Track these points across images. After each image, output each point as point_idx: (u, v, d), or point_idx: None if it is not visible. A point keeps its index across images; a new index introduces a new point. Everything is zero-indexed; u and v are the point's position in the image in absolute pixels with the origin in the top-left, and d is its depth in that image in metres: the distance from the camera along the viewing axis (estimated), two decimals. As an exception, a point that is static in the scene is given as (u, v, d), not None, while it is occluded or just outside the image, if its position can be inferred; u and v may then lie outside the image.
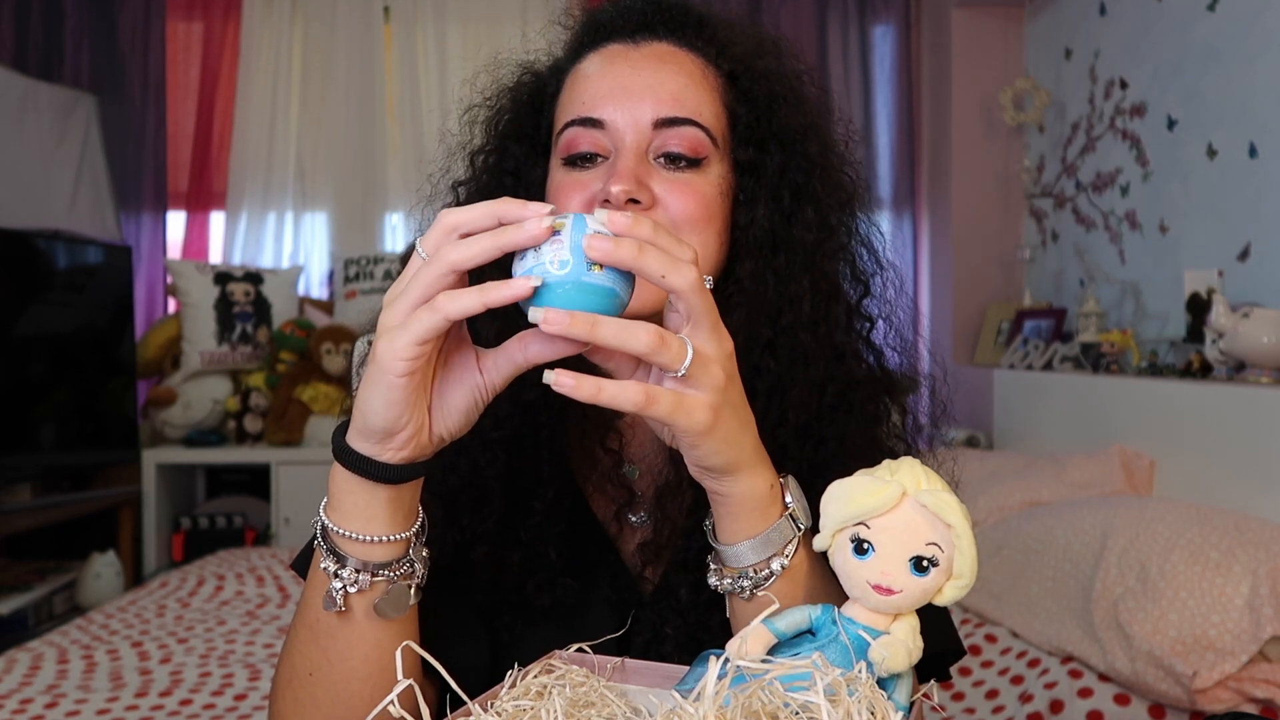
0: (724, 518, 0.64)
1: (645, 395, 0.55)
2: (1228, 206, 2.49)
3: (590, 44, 0.79)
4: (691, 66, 0.77)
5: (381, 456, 0.60)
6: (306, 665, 0.67)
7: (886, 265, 0.83)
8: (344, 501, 0.62)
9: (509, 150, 0.81)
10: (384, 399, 0.57)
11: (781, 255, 0.76)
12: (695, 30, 0.79)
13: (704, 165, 0.75)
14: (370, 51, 3.84)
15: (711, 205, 0.75)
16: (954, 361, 3.59)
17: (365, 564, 0.63)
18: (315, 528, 0.65)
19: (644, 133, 0.73)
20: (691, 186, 0.74)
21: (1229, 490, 2.08)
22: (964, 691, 1.85)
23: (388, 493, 0.62)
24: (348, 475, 0.61)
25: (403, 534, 0.63)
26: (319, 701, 0.67)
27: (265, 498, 3.49)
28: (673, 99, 0.74)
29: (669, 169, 0.74)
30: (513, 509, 0.76)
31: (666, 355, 0.55)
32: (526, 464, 0.76)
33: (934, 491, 0.56)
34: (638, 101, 0.73)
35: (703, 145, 0.74)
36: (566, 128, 0.75)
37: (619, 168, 0.72)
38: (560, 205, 0.74)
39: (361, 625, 0.65)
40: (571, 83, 0.78)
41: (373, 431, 0.59)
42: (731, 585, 0.65)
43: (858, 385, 0.79)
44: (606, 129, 0.74)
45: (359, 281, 3.67)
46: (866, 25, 3.92)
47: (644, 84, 0.74)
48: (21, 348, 3.13)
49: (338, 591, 0.63)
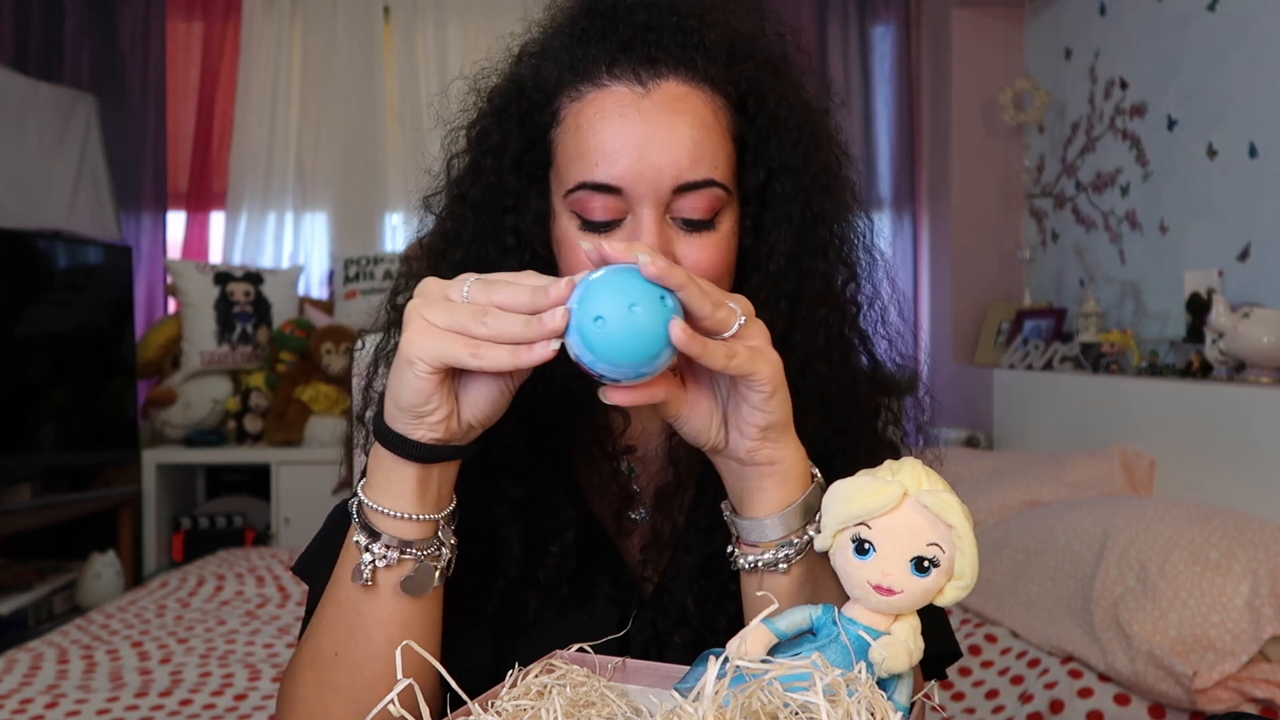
0: (769, 489, 0.65)
1: (725, 350, 0.59)
2: (1228, 206, 2.49)
3: (588, 75, 0.73)
4: (704, 112, 0.73)
5: (414, 435, 0.63)
6: (332, 645, 0.68)
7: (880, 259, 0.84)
8: (378, 477, 0.65)
9: (506, 184, 0.77)
10: (410, 386, 0.61)
11: (792, 280, 0.76)
12: (700, 51, 0.73)
13: (718, 218, 0.74)
14: (370, 51, 3.84)
15: (728, 255, 0.75)
16: (954, 361, 3.59)
17: (394, 540, 0.65)
18: (352, 505, 0.68)
19: (663, 198, 0.71)
20: (709, 245, 0.73)
21: (1229, 490, 2.08)
22: (964, 691, 1.85)
23: (417, 471, 0.64)
24: (384, 452, 0.64)
25: (432, 515, 0.66)
26: (340, 684, 0.68)
27: (265, 498, 3.50)
28: (690, 159, 0.71)
29: (687, 232, 0.73)
30: (528, 552, 0.76)
31: (723, 313, 0.60)
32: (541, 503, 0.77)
33: (935, 492, 0.56)
34: (656, 167, 0.70)
35: (719, 201, 0.73)
36: (579, 189, 0.72)
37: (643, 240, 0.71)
38: (578, 268, 0.71)
39: (387, 602, 0.67)
40: (575, 126, 0.73)
41: (403, 410, 0.62)
42: (773, 557, 0.66)
43: (865, 396, 0.80)
44: (623, 195, 0.71)
45: (359, 281, 3.67)
46: (866, 25, 3.92)
47: (660, 145, 0.70)
48: (21, 348, 3.13)
49: (366, 565, 0.66)
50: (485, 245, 0.77)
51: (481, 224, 0.77)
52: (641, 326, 0.56)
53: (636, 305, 0.56)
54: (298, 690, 0.70)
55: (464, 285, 0.61)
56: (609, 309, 0.56)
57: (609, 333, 0.56)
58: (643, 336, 0.56)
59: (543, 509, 0.77)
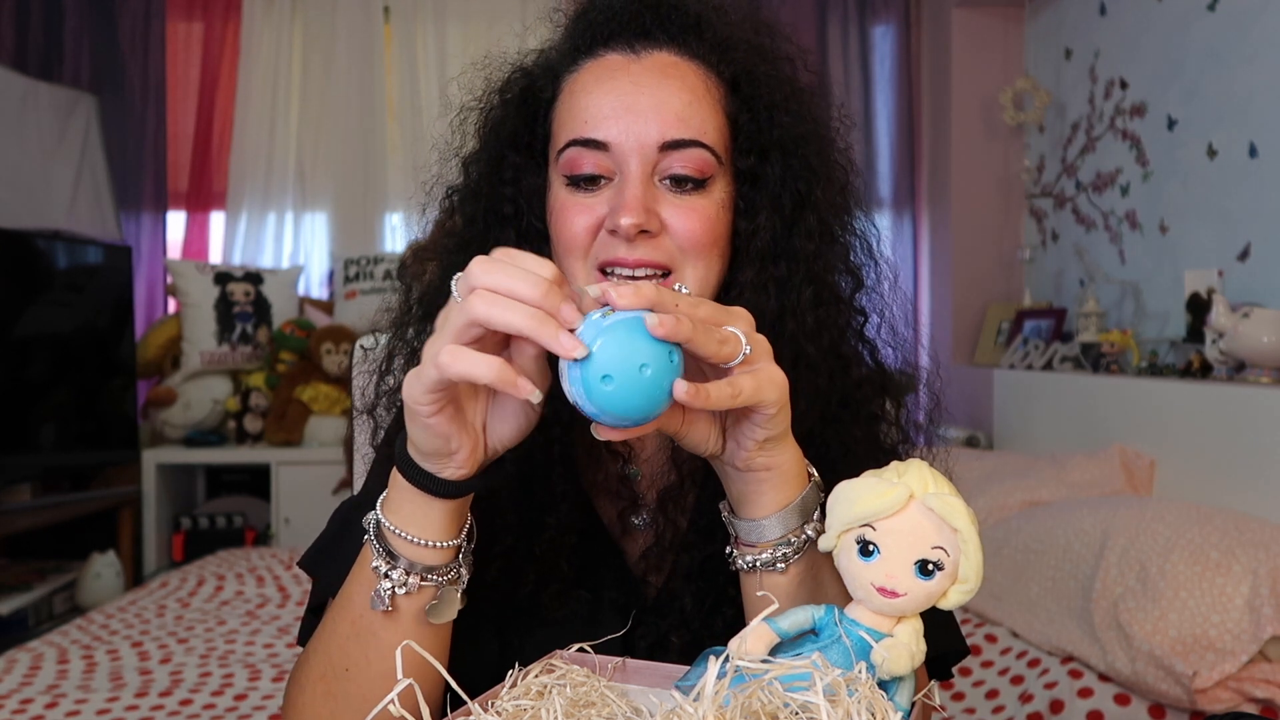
0: (766, 492, 0.65)
1: (730, 387, 0.58)
2: (1228, 206, 2.49)
3: (586, 49, 0.77)
4: (694, 80, 0.75)
5: (442, 473, 0.62)
6: (344, 661, 0.68)
7: (880, 260, 0.83)
8: (403, 507, 0.64)
9: (506, 159, 0.79)
10: (424, 433, 0.60)
11: (783, 264, 0.76)
12: (695, 33, 0.76)
13: (708, 184, 0.74)
14: (370, 51, 3.84)
15: (717, 225, 0.74)
16: (954, 361, 3.59)
17: (414, 565, 0.64)
18: (369, 525, 0.66)
19: (649, 155, 0.72)
20: (697, 209, 0.73)
21: (1229, 490, 2.08)
22: (964, 691, 1.85)
23: (445, 505, 0.63)
24: (406, 484, 0.63)
25: (454, 541, 0.65)
26: (352, 697, 0.68)
27: (265, 498, 3.49)
28: (678, 119, 0.72)
29: (675, 192, 0.73)
30: (525, 524, 0.76)
31: (729, 347, 0.58)
32: (537, 477, 0.76)
33: (941, 495, 0.56)
34: (643, 123, 0.72)
35: (708, 165, 0.73)
36: (568, 146, 0.74)
37: (627, 197, 0.71)
38: (565, 228, 0.74)
39: (407, 626, 0.66)
40: (570, 93, 0.76)
41: (426, 455, 0.62)
42: (770, 557, 0.65)
43: (859, 387, 0.79)
44: (610, 151, 0.72)
45: (359, 281, 3.67)
46: (866, 25, 3.92)
47: (648, 103, 0.72)
48: (21, 348, 3.13)
49: (386, 591, 0.64)
50: (483, 215, 0.79)
51: (480, 195, 0.79)
52: (648, 387, 0.55)
53: (646, 367, 0.55)
54: (305, 698, 0.70)
55: (453, 285, 0.59)
56: (618, 369, 0.54)
57: (615, 391, 0.55)
58: (648, 396, 0.55)
59: (540, 481, 0.76)
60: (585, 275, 0.74)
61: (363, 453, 0.98)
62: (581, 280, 0.73)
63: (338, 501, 0.82)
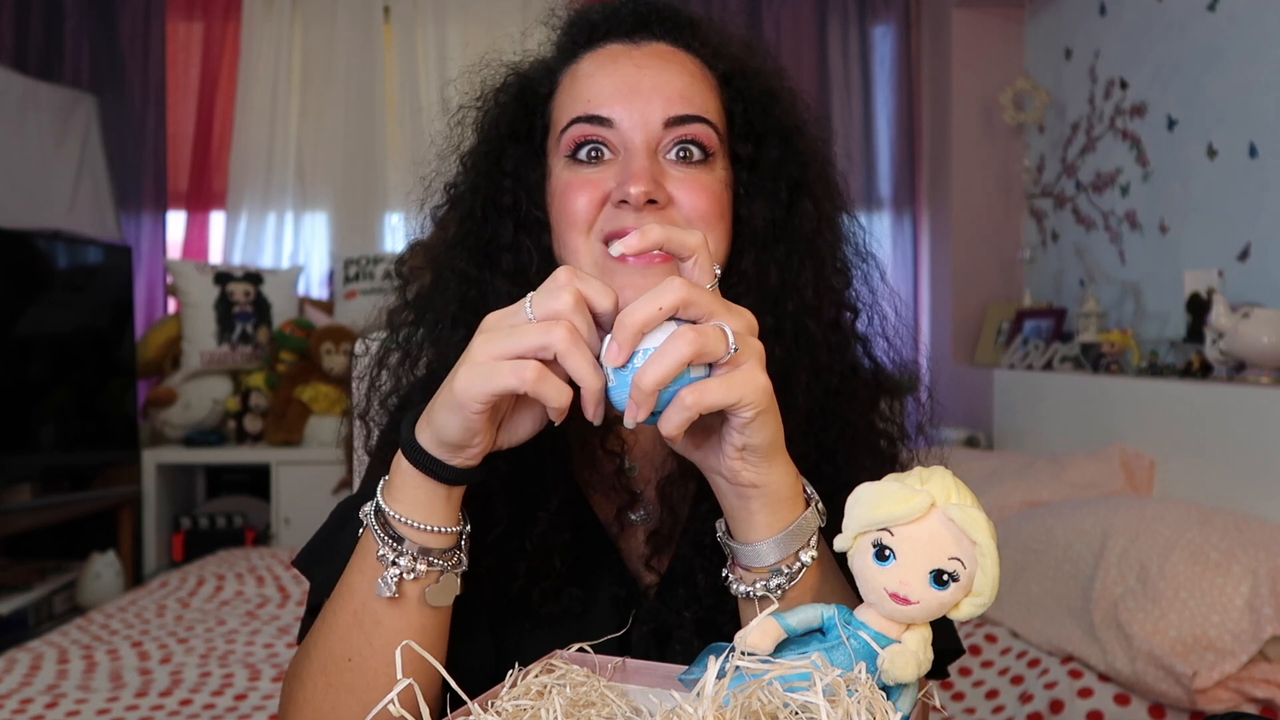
0: (756, 513, 0.63)
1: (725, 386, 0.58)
2: (1228, 206, 2.49)
3: (585, 44, 0.79)
4: (692, 66, 0.78)
5: (452, 462, 0.63)
6: (346, 651, 0.68)
7: (869, 261, 0.84)
8: (407, 493, 0.65)
9: (505, 151, 0.80)
10: (460, 425, 0.61)
11: (782, 245, 0.78)
12: (690, 31, 0.80)
13: (711, 161, 0.76)
14: (370, 52, 3.85)
15: (721, 200, 0.76)
16: (954, 361, 3.59)
17: (421, 551, 0.65)
18: (369, 514, 0.67)
19: (654, 132, 0.74)
20: (702, 183, 0.75)
21: (1229, 490, 2.08)
22: (964, 691, 1.85)
23: (448, 491, 0.65)
24: (413, 470, 0.64)
25: (456, 527, 0.66)
26: (355, 687, 0.68)
27: (265, 498, 3.50)
28: (680, 97, 0.75)
29: (681, 166, 0.74)
30: (517, 518, 0.76)
31: (713, 344, 0.57)
32: (529, 471, 0.76)
33: (963, 506, 0.55)
34: (646, 100, 0.74)
35: (712, 140, 0.75)
36: (572, 124, 0.75)
37: (635, 168, 0.72)
38: (569, 204, 0.75)
39: (411, 612, 0.67)
40: (570, 82, 0.78)
41: (445, 444, 0.62)
42: (765, 587, 0.64)
43: (855, 373, 0.81)
44: (615, 127, 0.74)
45: (359, 281, 3.67)
46: (866, 25, 3.92)
47: (651, 83, 0.74)
48: (21, 348, 3.13)
49: (393, 578, 0.65)
50: (482, 207, 0.79)
51: (479, 187, 0.80)
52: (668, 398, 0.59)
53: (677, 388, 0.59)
54: (305, 692, 0.70)
55: (525, 304, 0.60)
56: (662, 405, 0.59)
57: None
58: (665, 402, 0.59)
59: (531, 473, 0.76)
60: (589, 250, 0.75)
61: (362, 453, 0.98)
62: (585, 257, 0.74)
63: (338, 501, 0.83)
